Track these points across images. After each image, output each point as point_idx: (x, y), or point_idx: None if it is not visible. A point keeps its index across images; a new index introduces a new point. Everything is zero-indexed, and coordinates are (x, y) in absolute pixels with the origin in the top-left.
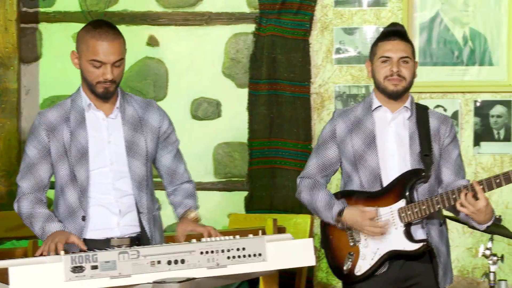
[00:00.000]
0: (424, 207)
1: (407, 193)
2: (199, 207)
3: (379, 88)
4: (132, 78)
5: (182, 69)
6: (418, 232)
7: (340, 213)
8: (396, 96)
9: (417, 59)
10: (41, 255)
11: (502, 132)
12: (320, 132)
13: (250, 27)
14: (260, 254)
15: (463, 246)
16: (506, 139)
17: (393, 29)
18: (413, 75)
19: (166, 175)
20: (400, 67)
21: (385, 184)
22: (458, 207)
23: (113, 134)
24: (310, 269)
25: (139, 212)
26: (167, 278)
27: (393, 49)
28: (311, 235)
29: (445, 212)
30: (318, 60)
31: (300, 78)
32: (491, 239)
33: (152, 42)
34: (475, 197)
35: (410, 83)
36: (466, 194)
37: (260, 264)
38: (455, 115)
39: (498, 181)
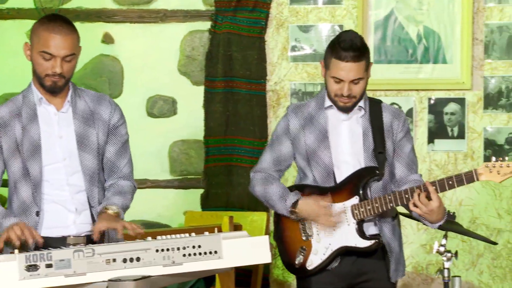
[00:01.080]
0: (377, 205)
1: (361, 191)
2: (128, 208)
3: (330, 99)
4: (87, 75)
5: (138, 66)
6: (371, 228)
7: (295, 204)
8: (346, 111)
9: (371, 57)
10: (6, 240)
11: (455, 129)
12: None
13: (206, 25)
14: (216, 252)
15: (417, 243)
16: (460, 136)
17: (348, 45)
18: (365, 85)
19: (106, 168)
20: (352, 87)
21: (338, 180)
22: (411, 207)
23: (64, 128)
24: (266, 266)
25: (91, 207)
26: (122, 276)
27: (346, 71)
28: (267, 232)
29: (399, 209)
30: (273, 57)
31: (256, 75)
32: (445, 236)
33: (107, 39)
34: (428, 197)
35: (362, 95)
36: (419, 194)
37: (216, 261)
38: (409, 113)
39: (450, 182)
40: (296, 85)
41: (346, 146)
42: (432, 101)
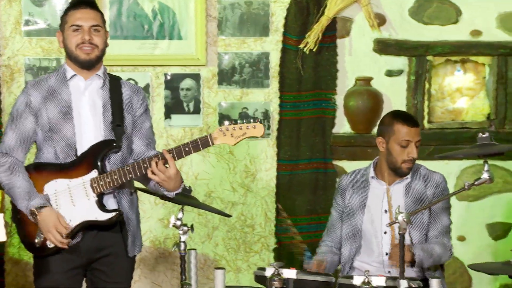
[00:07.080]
0: (116, 177)
1: (99, 164)
2: None
3: (72, 58)
4: None
5: None
6: (110, 202)
7: (40, 208)
8: (89, 65)
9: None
10: None
11: (191, 104)
12: (12, 104)
13: None
14: None
15: (155, 217)
16: (196, 111)
17: None
18: (105, 44)
19: None
20: (92, 35)
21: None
22: (150, 174)
23: None
24: (1, 245)
25: None
26: None
27: (83, 17)
28: (2, 210)
29: (137, 184)
30: (6, 31)
31: None
32: (182, 210)
33: None
34: (166, 165)
35: (103, 52)
36: (157, 162)
37: None
38: (146, 88)
39: (187, 149)
40: (31, 60)
41: (88, 120)
42: (168, 77)
